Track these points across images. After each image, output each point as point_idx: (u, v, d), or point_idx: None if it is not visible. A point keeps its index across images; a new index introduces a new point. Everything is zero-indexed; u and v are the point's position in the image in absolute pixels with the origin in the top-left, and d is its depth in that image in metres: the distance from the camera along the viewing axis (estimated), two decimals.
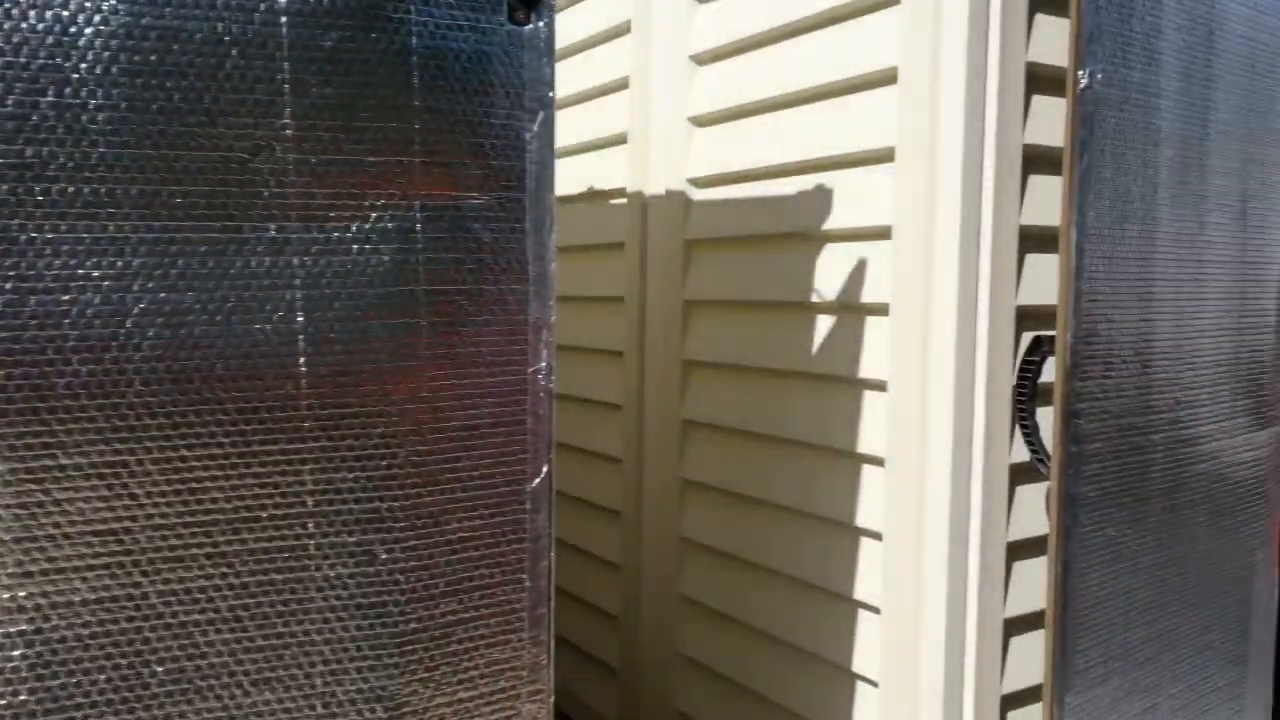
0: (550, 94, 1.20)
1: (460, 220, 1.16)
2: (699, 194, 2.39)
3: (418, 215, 1.13)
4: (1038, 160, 1.81)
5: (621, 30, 2.63)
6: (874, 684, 1.95)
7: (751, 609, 2.25)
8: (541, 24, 1.19)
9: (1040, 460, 1.73)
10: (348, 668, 1.12)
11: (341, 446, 1.11)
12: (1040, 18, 1.79)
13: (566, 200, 2.93)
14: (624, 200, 2.63)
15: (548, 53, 1.20)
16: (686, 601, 2.46)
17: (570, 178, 2.90)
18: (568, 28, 2.89)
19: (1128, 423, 1.75)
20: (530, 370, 1.21)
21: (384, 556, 1.13)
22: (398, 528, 1.13)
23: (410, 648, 1.14)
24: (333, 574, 1.11)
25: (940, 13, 1.74)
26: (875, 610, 1.94)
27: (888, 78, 1.87)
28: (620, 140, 2.64)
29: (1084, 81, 1.62)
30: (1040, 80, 1.79)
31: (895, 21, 1.86)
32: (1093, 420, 1.69)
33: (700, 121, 2.38)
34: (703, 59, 2.37)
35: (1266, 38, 1.94)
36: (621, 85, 2.63)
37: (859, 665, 1.98)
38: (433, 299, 1.14)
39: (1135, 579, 1.81)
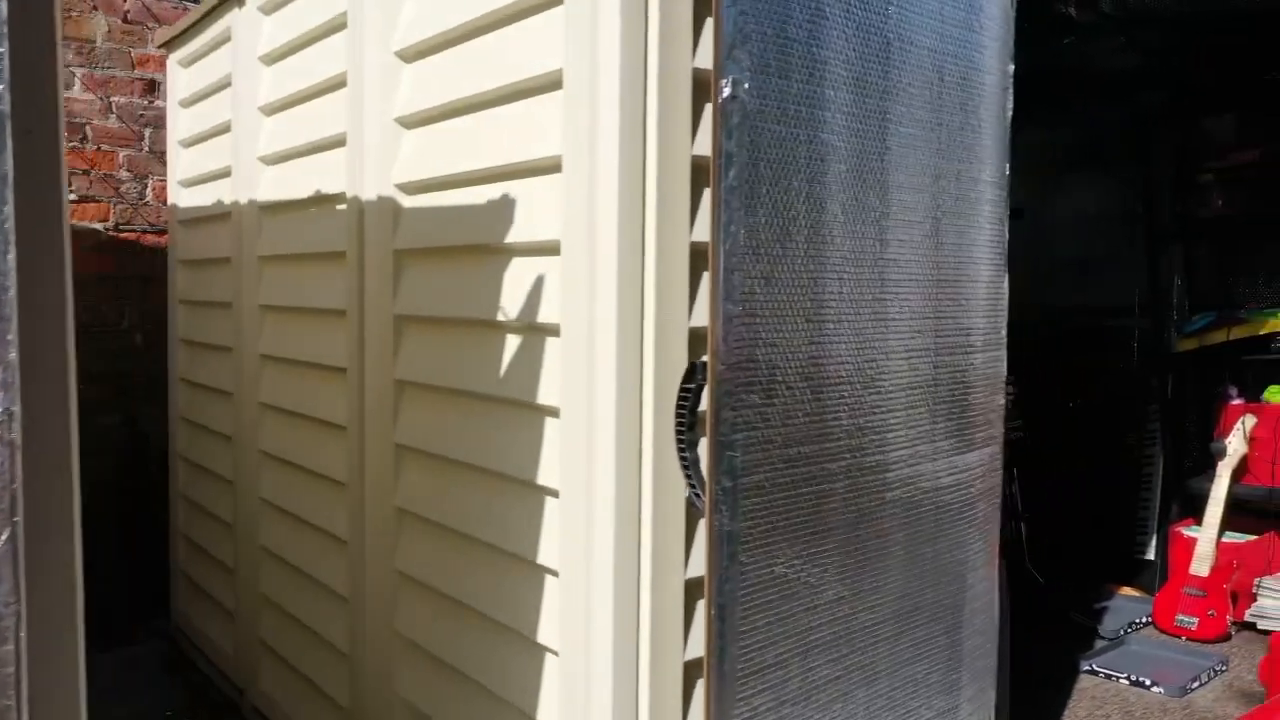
0: None
1: None
2: (408, 201, 2.22)
3: None
4: None
5: (340, 24, 2.44)
6: None
7: (455, 650, 2.09)
8: None
9: (698, 495, 1.62)
10: None
11: None
12: (710, 22, 1.68)
13: (295, 205, 2.72)
14: (345, 206, 2.43)
15: None
16: (402, 640, 2.28)
17: (300, 181, 2.69)
18: (296, 19, 2.68)
19: (797, 452, 1.66)
20: None
21: None
22: None
23: None
24: None
25: (596, 12, 1.62)
26: (557, 654, 1.81)
27: (556, 82, 1.74)
28: (341, 142, 2.45)
29: (727, 91, 1.51)
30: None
31: (561, 21, 1.72)
32: (752, 451, 1.59)
33: (406, 123, 2.21)
34: (407, 55, 2.20)
35: (954, 48, 1.89)
36: (341, 83, 2.44)
37: (543, 715, 1.84)
38: None
39: (815, 616, 1.72)
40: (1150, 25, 3.80)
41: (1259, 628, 3.85)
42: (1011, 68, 2.09)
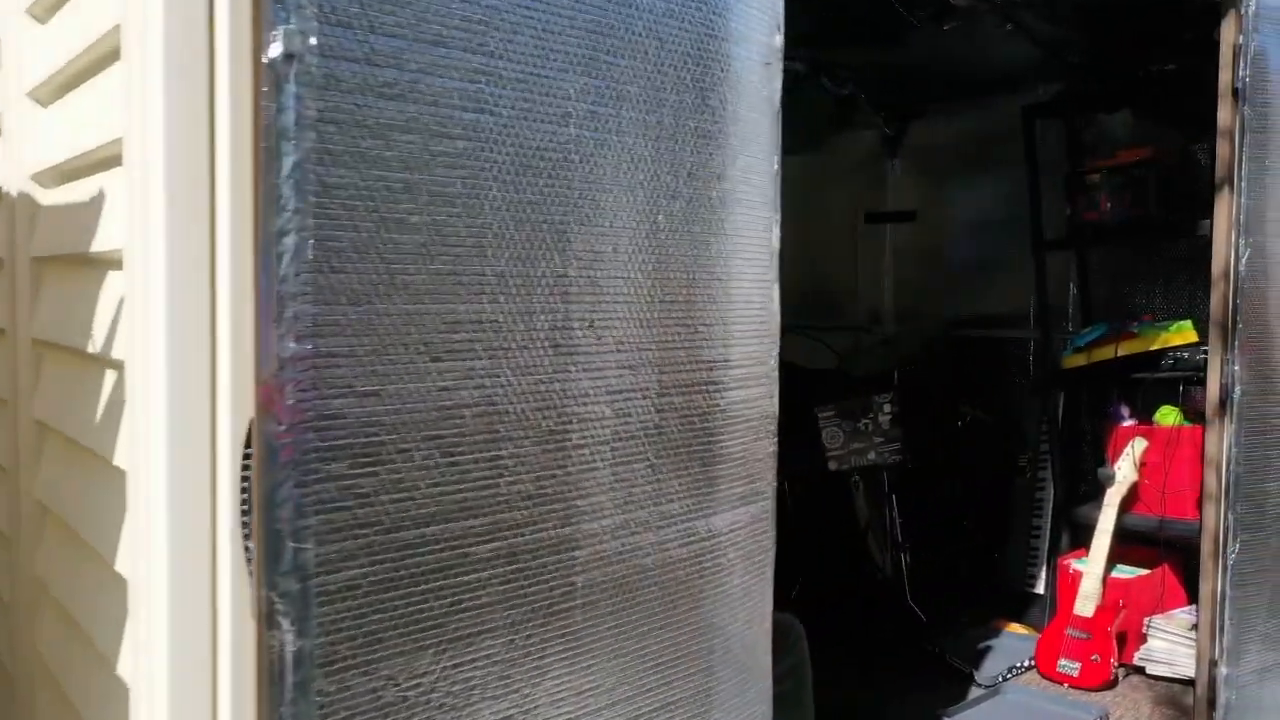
0: None
1: None
2: (44, 196, 1.78)
3: None
4: None
5: None
6: None
7: None
8: None
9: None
10: None
11: None
12: None
13: None
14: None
15: None
16: None
17: None
18: None
19: (419, 535, 1.24)
20: None
21: None
22: None
23: None
24: None
25: None
26: None
27: (117, 46, 1.31)
28: None
29: (277, 48, 1.09)
30: None
31: None
32: (337, 540, 1.17)
33: (39, 98, 1.77)
34: (38, 14, 1.76)
35: (679, 7, 1.48)
36: None
37: None
38: None
39: None
40: (1033, 10, 3.45)
41: (1148, 672, 3.51)
42: (779, 39, 1.69)
